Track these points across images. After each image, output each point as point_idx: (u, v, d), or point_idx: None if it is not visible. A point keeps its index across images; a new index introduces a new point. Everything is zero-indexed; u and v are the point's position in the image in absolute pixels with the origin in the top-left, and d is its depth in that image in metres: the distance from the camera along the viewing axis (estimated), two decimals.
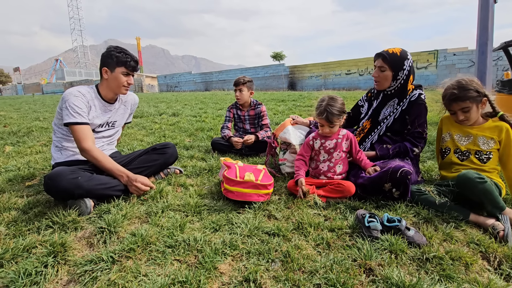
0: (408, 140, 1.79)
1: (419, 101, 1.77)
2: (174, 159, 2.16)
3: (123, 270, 1.09)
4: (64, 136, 1.80)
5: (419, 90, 1.82)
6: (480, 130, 1.60)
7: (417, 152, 1.77)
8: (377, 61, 1.80)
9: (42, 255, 1.18)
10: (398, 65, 1.75)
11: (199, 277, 1.04)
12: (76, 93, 1.70)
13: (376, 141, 1.91)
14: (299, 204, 1.62)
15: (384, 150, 1.81)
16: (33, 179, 2.17)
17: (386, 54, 1.74)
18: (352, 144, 1.79)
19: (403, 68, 1.75)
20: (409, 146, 1.77)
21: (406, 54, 1.76)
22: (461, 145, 1.63)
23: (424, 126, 1.78)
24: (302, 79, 19.45)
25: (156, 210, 1.57)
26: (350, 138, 1.79)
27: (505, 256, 1.14)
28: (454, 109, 1.61)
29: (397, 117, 1.83)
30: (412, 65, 1.79)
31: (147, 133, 3.97)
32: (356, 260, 1.13)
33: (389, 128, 1.88)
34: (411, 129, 1.78)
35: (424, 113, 1.78)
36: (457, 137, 1.66)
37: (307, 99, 8.17)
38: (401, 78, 1.77)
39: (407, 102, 1.81)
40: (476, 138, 1.59)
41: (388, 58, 1.74)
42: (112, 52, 1.77)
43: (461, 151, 1.63)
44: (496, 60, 12.52)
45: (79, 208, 1.54)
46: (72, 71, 51.86)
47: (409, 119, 1.79)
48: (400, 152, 1.78)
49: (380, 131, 1.89)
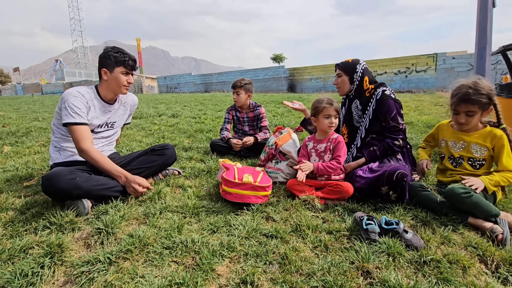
0: (387, 136, 1.85)
1: (384, 97, 1.85)
2: (173, 160, 2.16)
3: (120, 271, 1.09)
4: (63, 137, 1.80)
5: (382, 87, 1.90)
6: (474, 137, 1.58)
7: (399, 144, 1.83)
8: (336, 71, 2.04)
9: (39, 255, 1.17)
10: (351, 69, 1.96)
11: (196, 279, 1.04)
12: (75, 94, 1.70)
13: (360, 145, 1.98)
14: (297, 206, 1.62)
15: (371, 153, 1.86)
16: (31, 180, 2.16)
17: (340, 63, 2.02)
18: (337, 147, 1.81)
19: (356, 71, 1.96)
20: (390, 141, 1.83)
21: (358, 60, 1.98)
22: (455, 152, 1.63)
23: (397, 119, 1.84)
24: (302, 81, 19.48)
25: (154, 211, 1.57)
26: (337, 141, 1.81)
27: (503, 259, 1.14)
28: (460, 110, 1.54)
29: (372, 118, 1.92)
30: (366, 68, 1.97)
31: (146, 134, 3.97)
32: (354, 263, 1.13)
33: (369, 130, 1.95)
34: (386, 125, 1.86)
35: (392, 106, 1.84)
36: (451, 144, 1.66)
37: (307, 101, 8.18)
38: (356, 79, 1.96)
39: (374, 101, 1.89)
40: (469, 146, 1.59)
41: (341, 65, 2.00)
42: (109, 53, 1.77)
43: (454, 157, 1.63)
44: (495, 64, 12.58)
45: (77, 208, 1.53)
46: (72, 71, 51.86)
47: (382, 117, 1.87)
48: (385, 150, 1.83)
49: (361, 134, 1.98)
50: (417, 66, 15.18)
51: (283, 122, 4.56)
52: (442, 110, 5.63)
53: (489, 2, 4.65)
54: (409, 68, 15.47)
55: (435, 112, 5.44)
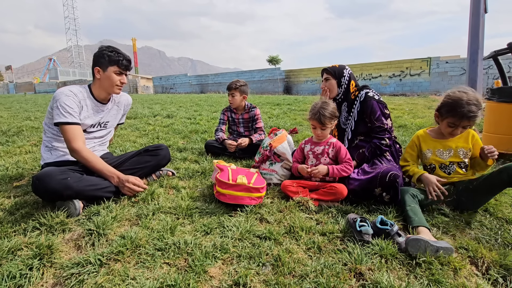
0: (374, 137, 1.89)
1: (368, 99, 1.91)
2: (167, 161, 2.14)
3: (111, 273, 1.07)
4: (55, 136, 1.77)
5: (365, 90, 1.96)
6: (460, 142, 1.62)
7: (386, 143, 1.86)
8: (323, 76, 2.10)
9: (28, 257, 1.15)
10: (339, 73, 2.05)
11: (188, 281, 1.03)
12: (67, 93, 1.68)
13: (347, 146, 2.01)
14: (291, 208, 1.62)
15: (361, 155, 1.90)
16: (22, 180, 2.13)
17: (328, 67, 2.09)
18: (341, 151, 1.81)
19: (344, 75, 2.04)
20: (377, 142, 1.87)
21: (344, 66, 2.09)
22: (445, 160, 1.65)
23: (382, 119, 1.88)
24: (298, 83, 19.57)
25: (146, 212, 1.55)
26: (339, 146, 1.83)
27: (493, 261, 1.15)
28: (460, 125, 1.54)
29: (357, 120, 1.97)
30: (352, 73, 2.08)
31: (141, 135, 3.93)
32: (347, 264, 1.13)
33: (356, 132, 1.98)
34: (371, 126, 1.90)
35: (376, 107, 1.88)
36: (438, 153, 1.67)
37: (302, 103, 8.21)
38: (344, 83, 2.03)
39: (358, 103, 1.94)
40: (456, 151, 1.63)
41: (329, 69, 2.07)
42: (104, 52, 1.76)
43: (446, 165, 1.65)
44: (487, 69, 12.80)
45: (67, 209, 1.51)
46: (66, 70, 51.18)
47: (367, 118, 1.92)
48: (374, 150, 1.86)
49: (348, 136, 2.03)
50: (411, 70, 15.38)
51: (278, 124, 4.57)
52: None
53: (481, 8, 4.74)
54: (403, 72, 15.65)
55: (428, 115, 5.50)
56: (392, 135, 1.90)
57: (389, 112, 1.94)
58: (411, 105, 7.36)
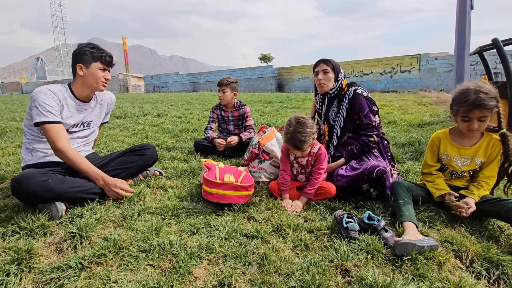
0: (362, 134, 1.88)
1: (356, 96, 1.90)
2: (154, 160, 2.10)
3: (92, 277, 1.04)
4: (35, 138, 1.71)
5: (354, 86, 1.95)
6: (480, 151, 1.50)
7: (374, 140, 1.85)
8: (320, 66, 1.99)
9: (5, 262, 1.11)
10: (337, 68, 2.00)
11: (172, 282, 1.00)
12: (46, 92, 1.62)
13: (337, 143, 2.00)
14: (279, 206, 1.61)
15: (349, 152, 1.88)
16: (3, 182, 2.06)
17: (328, 59, 1.99)
18: (318, 160, 1.75)
19: (341, 72, 2.01)
20: (365, 139, 1.85)
21: None
22: (458, 168, 1.56)
23: (370, 116, 1.87)
24: (290, 81, 19.59)
25: (132, 213, 1.52)
26: (319, 154, 1.74)
27: (477, 254, 1.16)
28: (473, 116, 1.41)
29: (346, 116, 1.95)
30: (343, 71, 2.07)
31: (130, 134, 3.87)
32: (333, 261, 1.12)
33: (344, 129, 1.97)
34: (360, 123, 1.89)
35: (364, 104, 1.88)
36: (454, 159, 1.56)
37: (294, 101, 8.23)
38: (341, 79, 1.99)
39: (347, 100, 1.93)
40: (473, 160, 1.52)
41: (330, 61, 1.98)
42: (85, 48, 1.71)
43: (457, 173, 1.57)
44: (475, 65, 13.04)
45: (49, 212, 1.46)
46: (54, 70, 49.97)
47: (355, 115, 1.91)
48: (362, 148, 1.85)
49: (337, 133, 2.01)
50: (402, 67, 15.57)
51: (269, 121, 4.56)
52: (424, 110, 5.78)
53: (468, 5, 4.80)
54: (394, 69, 15.83)
55: (418, 111, 5.57)
56: (380, 132, 1.90)
57: (377, 109, 1.93)
58: (401, 101, 7.45)
